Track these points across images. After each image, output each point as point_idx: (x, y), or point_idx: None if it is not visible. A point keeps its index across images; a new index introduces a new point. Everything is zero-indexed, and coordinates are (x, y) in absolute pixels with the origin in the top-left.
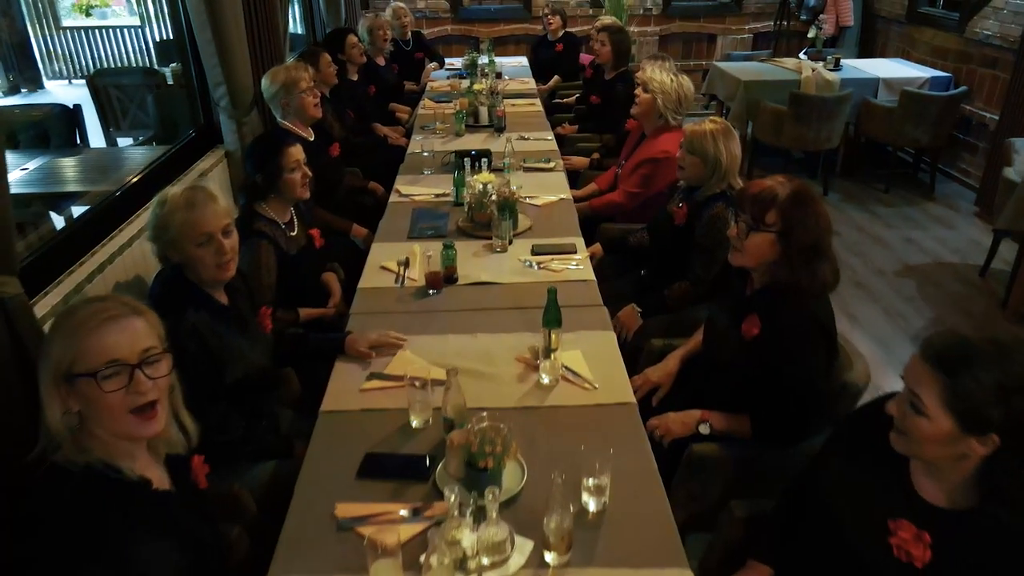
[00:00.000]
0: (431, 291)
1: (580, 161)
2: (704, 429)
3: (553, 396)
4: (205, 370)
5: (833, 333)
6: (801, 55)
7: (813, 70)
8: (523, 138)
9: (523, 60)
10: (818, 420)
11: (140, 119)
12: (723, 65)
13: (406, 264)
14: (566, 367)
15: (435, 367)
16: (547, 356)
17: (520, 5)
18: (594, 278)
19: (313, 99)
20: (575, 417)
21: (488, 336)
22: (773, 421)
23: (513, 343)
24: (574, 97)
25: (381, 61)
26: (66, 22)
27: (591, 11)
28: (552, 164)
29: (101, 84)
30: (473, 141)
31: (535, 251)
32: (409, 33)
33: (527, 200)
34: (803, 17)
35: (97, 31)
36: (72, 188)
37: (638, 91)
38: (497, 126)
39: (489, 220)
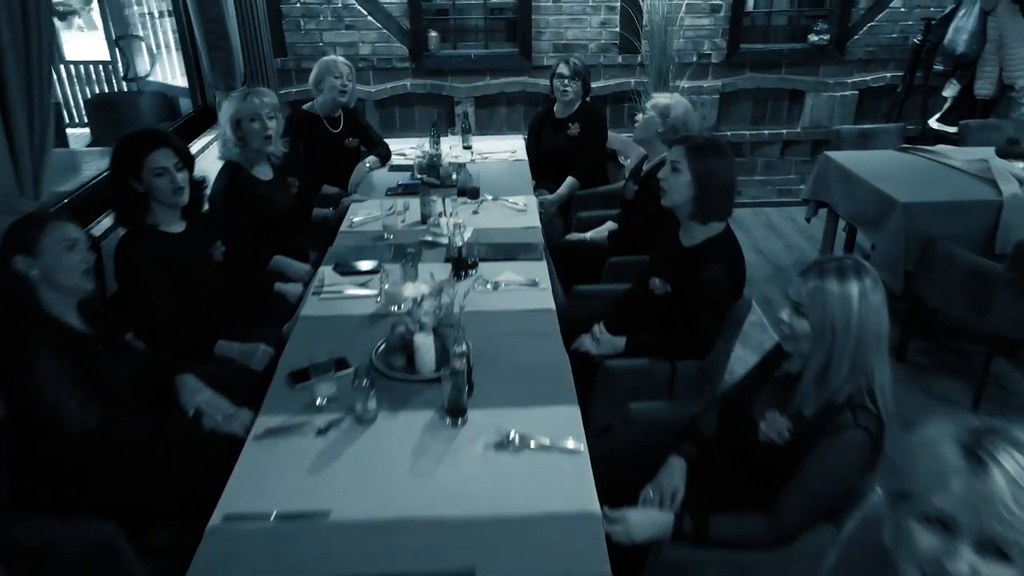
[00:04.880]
0: None
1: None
2: None
3: None
4: None
5: None
6: (933, 123)
7: (1021, 182)
8: (508, 446)
9: (518, 146)
10: None
11: None
12: (845, 160)
13: None
14: None
15: None
16: None
17: (515, 50)
18: None
19: None
20: None
21: None
22: None
23: None
24: (606, 231)
25: (267, 173)
26: None
27: (620, 59)
28: None
29: None
30: (398, 449)
31: None
32: (341, 110)
33: None
34: (938, 67)
35: None
36: None
37: None
38: (453, 404)
39: None
